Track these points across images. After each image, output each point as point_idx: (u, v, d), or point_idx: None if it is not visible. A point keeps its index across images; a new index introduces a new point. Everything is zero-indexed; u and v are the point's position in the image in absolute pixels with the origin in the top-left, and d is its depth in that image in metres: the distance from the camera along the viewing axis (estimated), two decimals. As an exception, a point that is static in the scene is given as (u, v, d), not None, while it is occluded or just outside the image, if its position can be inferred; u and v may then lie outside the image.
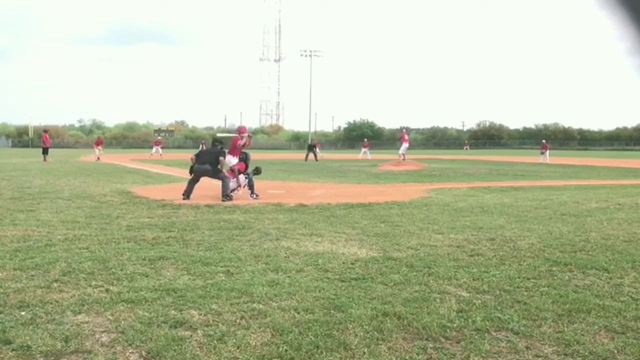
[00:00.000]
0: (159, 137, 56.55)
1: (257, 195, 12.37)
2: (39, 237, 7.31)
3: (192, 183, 12.52)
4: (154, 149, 43.88)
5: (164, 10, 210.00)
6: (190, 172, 12.89)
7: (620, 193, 14.53)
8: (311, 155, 38.33)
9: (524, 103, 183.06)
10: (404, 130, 35.33)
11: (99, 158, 35.18)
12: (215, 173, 12.70)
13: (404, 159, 30.54)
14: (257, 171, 13.37)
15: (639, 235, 8.02)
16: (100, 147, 38.23)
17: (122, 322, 4.07)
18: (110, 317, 4.19)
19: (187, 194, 12.20)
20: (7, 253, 6.30)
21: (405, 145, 32.50)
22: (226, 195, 12.06)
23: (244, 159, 13.38)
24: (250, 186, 12.59)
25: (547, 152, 37.64)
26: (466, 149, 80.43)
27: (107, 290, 4.88)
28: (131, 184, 16.27)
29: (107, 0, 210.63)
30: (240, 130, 14.23)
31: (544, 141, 40.50)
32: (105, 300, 4.58)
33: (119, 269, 5.64)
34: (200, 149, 15.04)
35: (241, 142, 13.70)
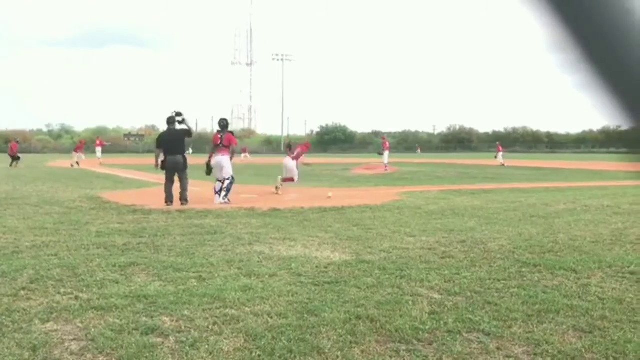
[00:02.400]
0: (79, 141, 44.83)
1: (228, 200, 12.22)
2: (6, 244, 7.16)
3: (172, 182, 11.90)
4: (75, 156, 35.76)
5: (134, 13, 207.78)
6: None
7: (587, 195, 14.85)
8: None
9: (493, 107, 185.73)
10: (383, 137, 33.70)
11: (77, 163, 32.68)
12: (184, 167, 11.94)
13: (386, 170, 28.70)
14: (208, 172, 12.77)
15: (605, 236, 8.20)
16: (80, 152, 35.04)
17: (92, 330, 4.00)
18: (80, 325, 4.12)
19: (170, 197, 11.73)
20: (-28, 261, 6.15)
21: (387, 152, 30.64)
22: (186, 198, 11.67)
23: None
24: (228, 190, 12.38)
25: (501, 154, 39.19)
26: (418, 152, 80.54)
27: (76, 298, 4.80)
28: (101, 189, 16.03)
29: (75, 2, 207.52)
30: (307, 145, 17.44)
31: (497, 143, 42.46)
32: (75, 308, 4.50)
33: (89, 275, 5.55)
34: (165, 133, 12.42)
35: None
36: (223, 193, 12.31)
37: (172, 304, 4.61)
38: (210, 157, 12.83)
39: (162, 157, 12.12)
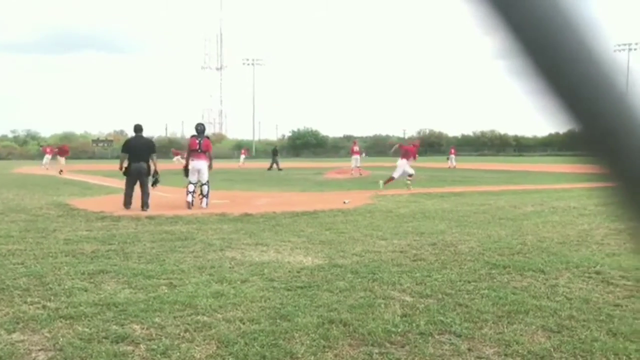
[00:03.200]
0: (44, 145, 44.37)
1: (207, 206, 12.33)
2: (-31, 254, 6.97)
3: (132, 188, 12.07)
4: (45, 159, 36.19)
5: (103, 18, 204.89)
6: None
7: (554, 197, 15.14)
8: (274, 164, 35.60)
9: (462, 111, 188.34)
10: (354, 141, 33.30)
11: (61, 171, 29.05)
12: (147, 174, 12.11)
13: (360, 174, 28.24)
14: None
15: (572, 237, 8.37)
16: (50, 156, 32.02)
17: (61, 339, 3.93)
18: (48, 335, 4.04)
19: (129, 201, 11.92)
20: None
21: (357, 156, 30.23)
22: (147, 204, 11.82)
23: None
24: (208, 195, 12.46)
25: (453, 157, 41.22)
26: (364, 155, 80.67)
27: (43, 307, 4.70)
28: (68, 195, 15.72)
29: (41, 7, 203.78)
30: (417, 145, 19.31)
31: (451, 147, 45.01)
32: (42, 317, 4.41)
33: (57, 284, 5.44)
34: (130, 139, 12.79)
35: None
36: (204, 199, 12.41)
37: (143, 312, 4.55)
38: (187, 162, 12.85)
39: (126, 163, 12.29)
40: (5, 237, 8.25)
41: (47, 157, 37.21)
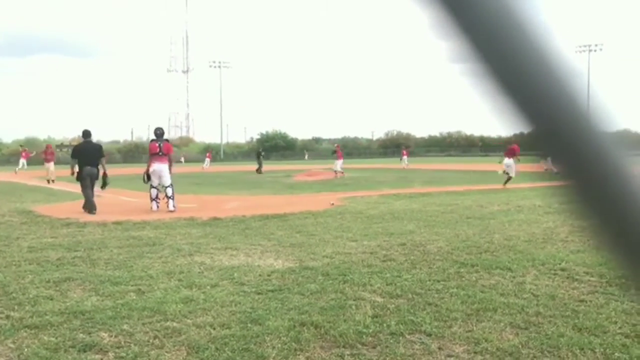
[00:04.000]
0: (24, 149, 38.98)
1: (174, 208, 12.39)
2: None
3: (88, 190, 12.36)
4: (20, 164, 33.81)
5: (65, 21, 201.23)
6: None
7: (520, 196, 15.42)
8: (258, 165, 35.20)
9: (429, 112, 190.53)
10: (336, 145, 32.64)
11: (53, 180, 24.10)
12: (97, 178, 12.55)
13: (342, 175, 28.34)
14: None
15: (538, 235, 8.53)
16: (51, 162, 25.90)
17: (25, 350, 3.83)
18: (12, 345, 3.93)
19: (93, 205, 12.11)
20: None
21: (340, 161, 29.73)
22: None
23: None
24: (173, 197, 12.56)
25: (406, 157, 43.66)
26: (306, 157, 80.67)
27: (7, 317, 4.58)
28: (32, 202, 15.35)
29: (1, 9, 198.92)
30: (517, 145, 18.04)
31: (402, 148, 47.70)
32: (6, 328, 4.30)
33: (21, 293, 5.31)
34: (80, 144, 13.01)
35: None
36: (170, 202, 12.51)
37: (111, 319, 4.47)
38: (148, 166, 12.90)
39: (76, 168, 12.67)
40: (-34, 246, 8.02)
41: (23, 161, 34.56)
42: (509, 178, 19.65)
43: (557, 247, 7.47)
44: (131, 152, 74.99)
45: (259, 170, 35.00)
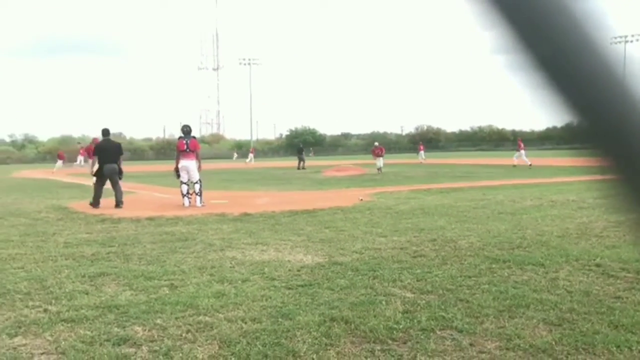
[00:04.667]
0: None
1: (203, 204, 12.61)
2: (-31, 259, 6.96)
3: (102, 187, 12.85)
4: (57, 163, 35.76)
5: (99, 21, 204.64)
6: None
7: (553, 190, 15.16)
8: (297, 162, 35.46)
9: (459, 107, 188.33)
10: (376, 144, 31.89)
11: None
12: (118, 174, 13.02)
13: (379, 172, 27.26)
14: (177, 176, 13.35)
15: (571, 230, 8.38)
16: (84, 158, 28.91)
17: (63, 343, 3.93)
18: (50, 338, 4.04)
19: (97, 201, 12.68)
20: None
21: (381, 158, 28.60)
22: (121, 201, 12.75)
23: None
24: (201, 193, 12.77)
25: (422, 152, 44.28)
26: (311, 155, 79.99)
27: (45, 311, 4.70)
28: (68, 199, 15.70)
29: (36, 10, 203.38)
30: None
31: (420, 143, 48.54)
32: (44, 321, 4.41)
33: (57, 287, 5.44)
34: (100, 142, 13.42)
35: None
36: (198, 198, 12.70)
37: (144, 313, 4.55)
38: (177, 163, 13.14)
39: (96, 166, 13.16)
40: (5, 242, 8.25)
41: (81, 158, 37.31)
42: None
43: (592, 243, 7.33)
44: (163, 149, 76.01)
45: (300, 167, 34.92)
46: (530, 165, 32.79)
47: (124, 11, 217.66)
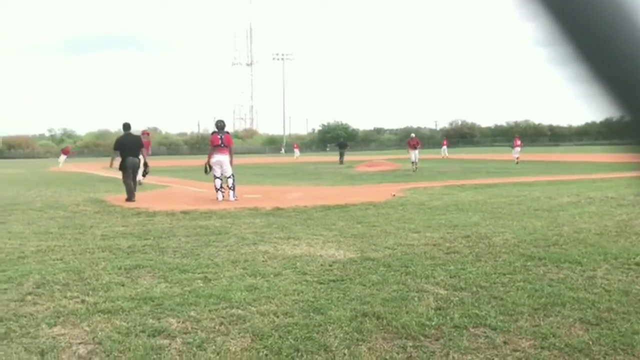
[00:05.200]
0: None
1: (236, 198, 12.80)
2: (11, 250, 7.17)
3: (130, 180, 13.20)
4: (61, 159, 36.44)
5: (133, 17, 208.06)
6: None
7: (591, 187, 14.82)
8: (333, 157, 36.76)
9: (495, 101, 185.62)
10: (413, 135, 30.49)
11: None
12: (138, 166, 13.66)
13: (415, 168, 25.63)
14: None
15: (610, 227, 8.18)
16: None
17: (99, 333, 4.01)
18: (87, 329, 4.13)
19: (132, 194, 12.98)
20: (-22, 267, 6.17)
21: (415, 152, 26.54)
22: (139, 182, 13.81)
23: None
24: (234, 187, 12.94)
25: (445, 147, 46.12)
26: (328, 149, 78.73)
27: (82, 301, 4.80)
28: (104, 192, 16.04)
29: (72, 7, 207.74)
30: None
31: (444, 138, 52.04)
32: (81, 312, 4.51)
33: (95, 279, 5.56)
34: (122, 137, 13.88)
35: None
36: (231, 192, 12.88)
37: (179, 306, 4.62)
38: (209, 158, 13.32)
39: (118, 159, 13.54)
40: (45, 234, 8.47)
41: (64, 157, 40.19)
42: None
43: (632, 241, 7.14)
44: (197, 144, 76.90)
45: (341, 161, 35.19)
46: (517, 158, 32.92)
47: (159, 7, 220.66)
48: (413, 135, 30.28)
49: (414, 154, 26.42)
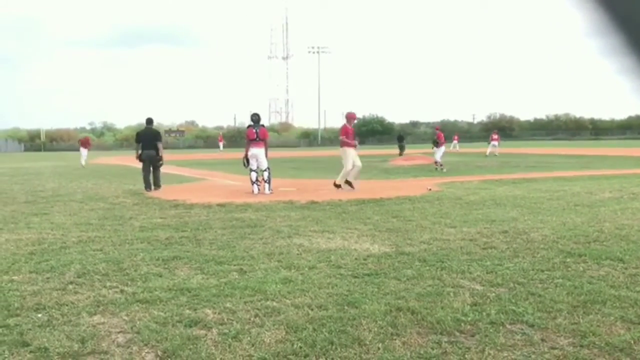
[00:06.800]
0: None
1: (272, 191, 12.96)
2: (54, 240, 7.38)
3: (148, 172, 13.88)
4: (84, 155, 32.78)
5: (170, 11, 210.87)
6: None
7: (634, 182, 14.41)
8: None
9: (534, 94, 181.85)
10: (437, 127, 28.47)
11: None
12: (157, 160, 14.07)
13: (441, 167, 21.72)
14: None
15: (654, 224, 7.94)
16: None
17: (138, 323, 4.10)
18: (126, 318, 4.22)
19: (148, 184, 13.76)
20: (22, 256, 6.37)
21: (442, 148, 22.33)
22: (159, 185, 14.00)
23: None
24: (270, 180, 13.09)
25: (456, 142, 46.49)
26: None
27: (121, 291, 4.91)
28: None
29: (113, 3, 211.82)
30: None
31: (455, 134, 51.30)
32: (120, 301, 4.61)
33: (133, 269, 5.67)
34: (142, 131, 14.89)
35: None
36: (267, 185, 13.05)
37: (215, 297, 4.68)
38: (247, 151, 13.46)
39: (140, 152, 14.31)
40: (86, 225, 8.68)
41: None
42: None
43: (677, 238, 6.91)
44: (234, 137, 77.56)
45: (401, 154, 35.35)
46: (487, 155, 33.54)
47: (195, 1, 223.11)
48: (437, 128, 26.60)
49: (439, 152, 22.27)
